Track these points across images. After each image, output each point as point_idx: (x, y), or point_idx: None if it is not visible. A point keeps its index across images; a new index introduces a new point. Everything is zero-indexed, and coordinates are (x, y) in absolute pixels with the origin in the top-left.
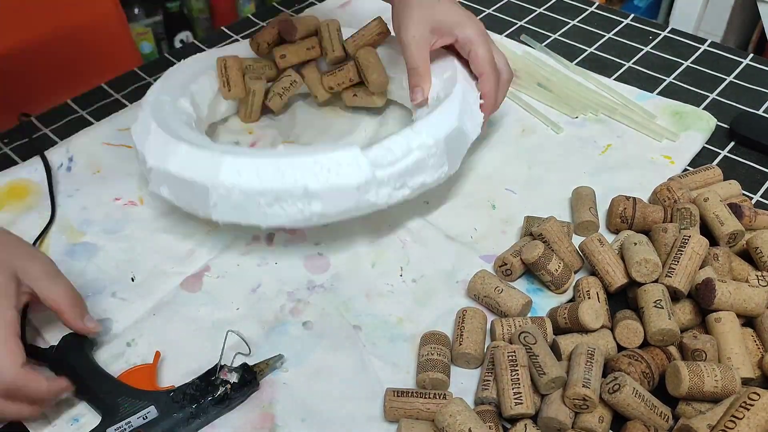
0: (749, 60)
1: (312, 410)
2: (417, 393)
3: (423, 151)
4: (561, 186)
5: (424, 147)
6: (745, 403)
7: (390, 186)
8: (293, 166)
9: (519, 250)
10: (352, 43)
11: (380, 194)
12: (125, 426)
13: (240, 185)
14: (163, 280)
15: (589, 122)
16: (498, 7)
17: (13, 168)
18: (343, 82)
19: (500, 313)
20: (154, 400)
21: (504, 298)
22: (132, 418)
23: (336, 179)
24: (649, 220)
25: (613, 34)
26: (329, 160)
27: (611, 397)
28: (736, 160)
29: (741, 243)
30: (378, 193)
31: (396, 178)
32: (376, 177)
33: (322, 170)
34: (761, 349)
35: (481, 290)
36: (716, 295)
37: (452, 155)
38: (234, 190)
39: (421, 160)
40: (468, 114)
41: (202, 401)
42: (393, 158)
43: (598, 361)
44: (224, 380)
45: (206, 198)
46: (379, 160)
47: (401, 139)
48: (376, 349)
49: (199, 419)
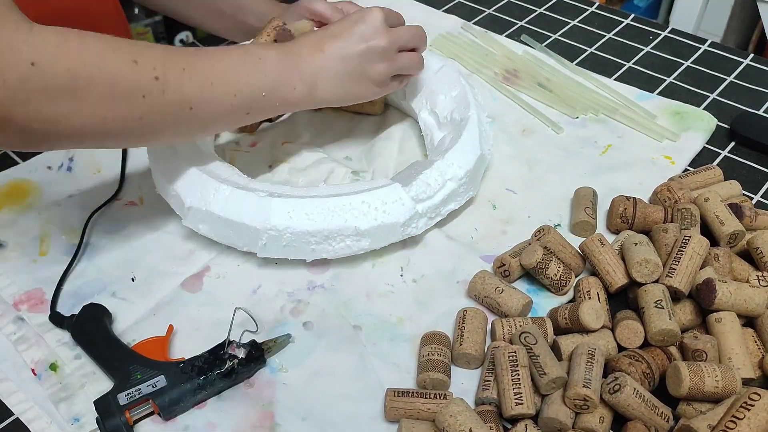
0: (749, 60)
1: (312, 410)
2: (417, 393)
3: (455, 182)
4: (561, 186)
5: (456, 178)
6: (746, 404)
7: (426, 216)
8: (341, 206)
9: (518, 252)
10: None
11: (419, 225)
12: (135, 393)
13: (291, 227)
14: (164, 280)
15: (589, 122)
16: (498, 7)
17: (13, 168)
18: None
19: (501, 314)
20: (164, 370)
21: (504, 298)
22: (142, 386)
23: (384, 217)
24: (650, 221)
25: (614, 34)
26: (375, 199)
27: (612, 398)
28: (736, 161)
29: (741, 243)
30: (417, 224)
31: (433, 209)
32: (417, 211)
33: (369, 209)
34: (762, 350)
35: (481, 290)
36: (717, 296)
37: (475, 180)
38: (285, 233)
39: (453, 191)
40: (484, 137)
41: (209, 374)
42: (431, 192)
43: (599, 361)
44: (232, 355)
45: (255, 238)
46: (420, 195)
47: (436, 173)
48: (376, 349)
49: (206, 391)
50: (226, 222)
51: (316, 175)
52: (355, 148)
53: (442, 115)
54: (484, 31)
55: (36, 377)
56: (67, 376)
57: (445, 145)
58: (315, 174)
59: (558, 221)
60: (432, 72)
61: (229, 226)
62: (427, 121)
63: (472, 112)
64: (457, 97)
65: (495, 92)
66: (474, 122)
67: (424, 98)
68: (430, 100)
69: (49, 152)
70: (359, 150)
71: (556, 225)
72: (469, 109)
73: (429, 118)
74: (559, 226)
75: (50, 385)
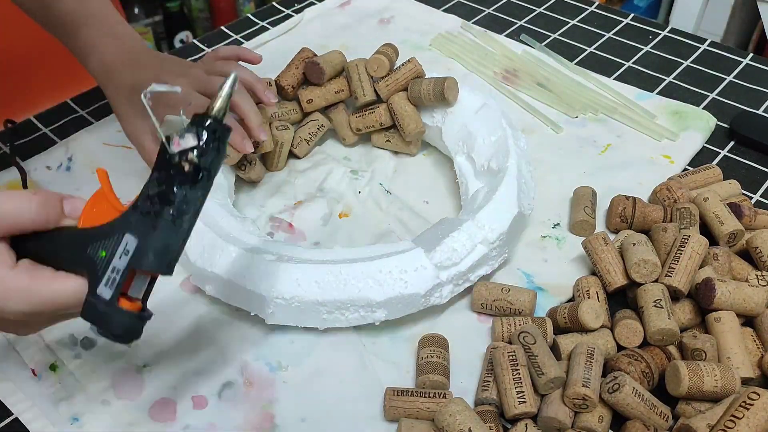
0: (749, 60)
1: (312, 410)
2: (417, 392)
3: (486, 247)
4: (561, 186)
5: (487, 242)
6: (745, 403)
7: (452, 284)
8: (355, 274)
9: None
10: (384, 87)
11: (443, 294)
12: (113, 275)
13: (299, 296)
14: (163, 280)
15: (588, 122)
16: (498, 6)
17: (13, 168)
18: (373, 126)
19: (514, 312)
20: (123, 226)
21: (514, 294)
22: (114, 262)
23: (402, 288)
24: (649, 220)
25: (613, 34)
26: (394, 267)
27: (611, 397)
28: (735, 160)
29: (741, 243)
30: (441, 293)
31: (459, 276)
32: (441, 280)
33: (386, 278)
34: (761, 349)
35: (488, 296)
36: (716, 295)
37: (511, 242)
38: (293, 301)
39: (484, 255)
40: (524, 192)
41: (174, 194)
42: (457, 258)
43: (598, 360)
44: (182, 151)
45: (262, 305)
46: (444, 262)
47: (464, 236)
48: (376, 348)
49: (187, 214)
50: (232, 286)
51: (315, 176)
52: (355, 148)
53: (479, 163)
54: (484, 31)
55: (36, 377)
56: (67, 376)
57: (479, 200)
58: (314, 175)
59: (557, 221)
60: (472, 111)
61: (236, 290)
62: (463, 167)
63: (511, 162)
64: (496, 143)
65: (494, 92)
66: (512, 175)
67: (461, 140)
68: (468, 143)
69: (49, 152)
70: (359, 150)
71: (555, 224)
72: (509, 158)
73: (465, 164)
74: (559, 225)
75: (50, 385)
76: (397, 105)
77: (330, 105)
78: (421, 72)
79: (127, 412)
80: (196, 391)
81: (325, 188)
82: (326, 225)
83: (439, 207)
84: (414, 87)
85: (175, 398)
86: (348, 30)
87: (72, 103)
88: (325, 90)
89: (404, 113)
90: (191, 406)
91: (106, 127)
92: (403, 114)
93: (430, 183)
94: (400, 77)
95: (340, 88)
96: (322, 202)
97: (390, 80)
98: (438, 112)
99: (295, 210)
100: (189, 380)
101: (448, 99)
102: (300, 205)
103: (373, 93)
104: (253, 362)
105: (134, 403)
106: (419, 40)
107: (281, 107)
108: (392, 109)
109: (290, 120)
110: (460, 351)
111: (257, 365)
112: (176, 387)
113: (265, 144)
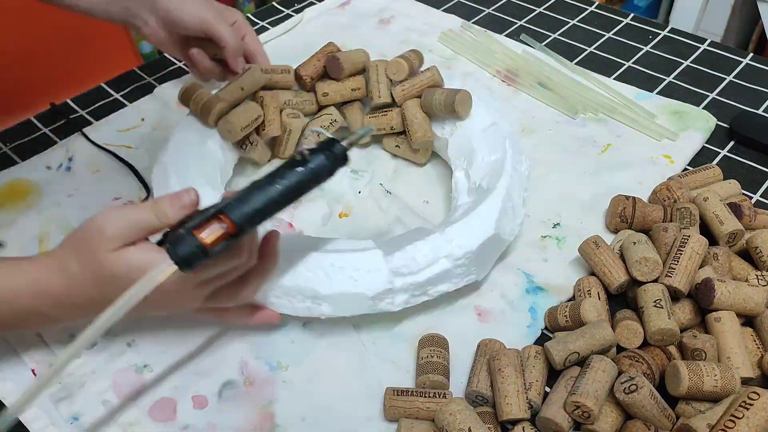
0: (749, 60)
1: (312, 410)
2: (417, 392)
3: (450, 262)
4: (561, 186)
5: (452, 258)
6: (745, 403)
7: (408, 293)
8: (307, 263)
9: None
10: (400, 91)
11: (396, 301)
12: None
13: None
14: None
15: (588, 122)
16: (498, 6)
17: (13, 168)
18: (384, 128)
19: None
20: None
21: None
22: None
23: (350, 286)
24: (649, 220)
25: (613, 34)
26: (347, 263)
27: (627, 398)
28: (735, 160)
29: (740, 242)
30: (393, 300)
31: (416, 287)
32: (394, 286)
33: (336, 273)
34: (761, 349)
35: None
36: (716, 295)
37: (482, 263)
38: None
39: (446, 271)
40: (508, 216)
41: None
42: (416, 267)
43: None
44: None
45: None
46: (401, 269)
47: (428, 247)
48: (376, 348)
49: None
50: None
51: None
52: (355, 148)
53: (472, 180)
54: (484, 31)
55: (36, 377)
56: (67, 376)
57: (455, 215)
58: None
59: (557, 221)
60: (480, 128)
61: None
62: (459, 182)
63: (501, 183)
64: (493, 163)
65: (495, 92)
66: (498, 197)
67: (463, 155)
68: (468, 159)
69: (49, 152)
70: (360, 150)
71: (555, 224)
72: (500, 179)
73: (462, 179)
74: (559, 225)
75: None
76: (409, 111)
77: (346, 102)
78: (438, 81)
79: (127, 412)
80: (196, 391)
81: (325, 188)
82: (326, 225)
83: (439, 207)
84: (427, 95)
85: (175, 398)
86: (348, 30)
87: (72, 103)
88: (342, 86)
89: (414, 120)
90: (191, 405)
91: (107, 127)
92: (413, 120)
93: (430, 184)
94: (417, 84)
95: (357, 86)
96: (322, 201)
97: (407, 85)
98: (449, 123)
99: (295, 209)
100: (189, 380)
101: (458, 112)
102: (300, 205)
103: (388, 95)
104: (253, 362)
105: (134, 403)
106: (419, 40)
107: (298, 96)
108: (404, 115)
109: (305, 111)
110: (460, 351)
111: (257, 365)
112: (176, 387)
113: (272, 128)
